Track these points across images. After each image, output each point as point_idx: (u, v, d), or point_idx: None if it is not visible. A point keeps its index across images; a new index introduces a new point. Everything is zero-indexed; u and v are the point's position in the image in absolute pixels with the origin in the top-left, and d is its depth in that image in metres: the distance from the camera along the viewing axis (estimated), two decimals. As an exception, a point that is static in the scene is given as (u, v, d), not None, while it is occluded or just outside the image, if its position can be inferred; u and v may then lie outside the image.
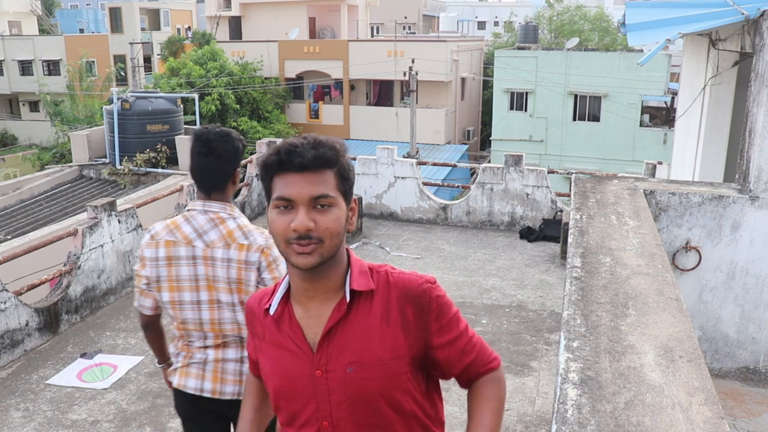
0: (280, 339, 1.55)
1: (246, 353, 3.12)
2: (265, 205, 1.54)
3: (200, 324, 2.49)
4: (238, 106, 26.11)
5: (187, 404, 2.57)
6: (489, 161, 24.60)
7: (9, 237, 8.83)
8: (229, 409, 2.48)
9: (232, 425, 2.57)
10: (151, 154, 11.91)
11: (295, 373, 1.51)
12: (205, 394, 2.50)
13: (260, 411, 1.81)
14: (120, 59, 34.81)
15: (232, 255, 2.40)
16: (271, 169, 1.45)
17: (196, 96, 14.57)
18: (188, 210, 2.49)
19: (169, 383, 2.65)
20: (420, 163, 9.60)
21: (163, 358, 2.72)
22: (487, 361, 1.61)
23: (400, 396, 1.50)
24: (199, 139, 2.42)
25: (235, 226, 2.44)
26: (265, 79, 27.95)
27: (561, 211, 8.38)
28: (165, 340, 2.71)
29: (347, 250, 1.56)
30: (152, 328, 2.64)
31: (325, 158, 1.43)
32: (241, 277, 2.41)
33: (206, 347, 2.52)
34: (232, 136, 2.44)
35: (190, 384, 2.52)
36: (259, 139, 12.80)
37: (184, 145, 12.26)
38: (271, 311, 1.56)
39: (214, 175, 2.44)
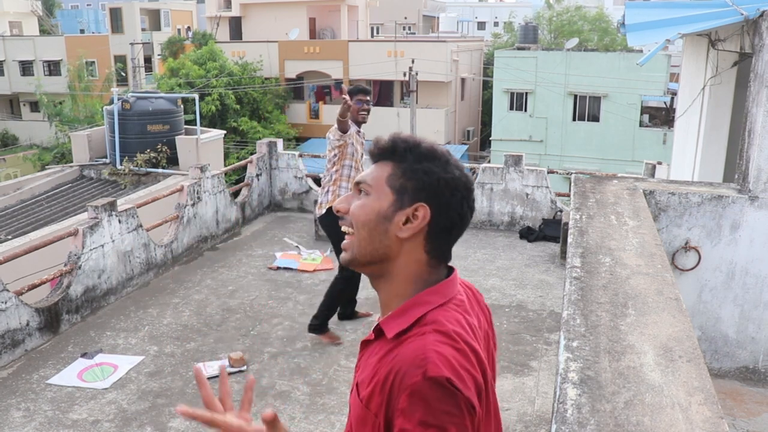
0: None
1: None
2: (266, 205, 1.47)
3: None
4: (238, 106, 26.12)
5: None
6: (489, 161, 24.59)
7: (10, 237, 8.83)
8: None
9: None
10: (152, 155, 11.90)
11: None
12: None
13: None
14: (120, 59, 34.83)
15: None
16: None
17: (196, 96, 14.55)
18: None
19: None
20: (420, 164, 9.58)
21: None
22: None
23: None
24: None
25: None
26: (266, 79, 27.96)
27: (561, 211, 8.38)
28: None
29: (428, 291, 1.29)
30: None
31: (385, 149, 1.35)
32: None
33: None
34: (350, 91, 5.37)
35: None
36: (259, 139, 12.78)
37: (184, 145, 12.26)
38: None
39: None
